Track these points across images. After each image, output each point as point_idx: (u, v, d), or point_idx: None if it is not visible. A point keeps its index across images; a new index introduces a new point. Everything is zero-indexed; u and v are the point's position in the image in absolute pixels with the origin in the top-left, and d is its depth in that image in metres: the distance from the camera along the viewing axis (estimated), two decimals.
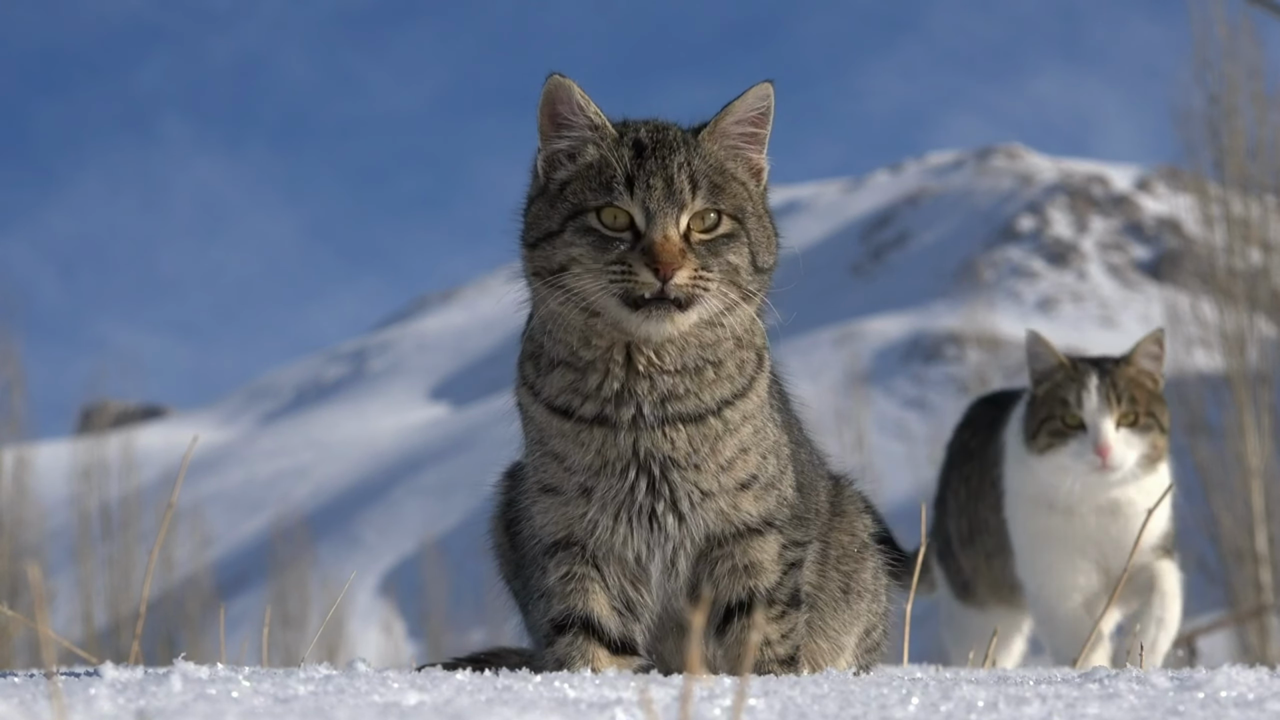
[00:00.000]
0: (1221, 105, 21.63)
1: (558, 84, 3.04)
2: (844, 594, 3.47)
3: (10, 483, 25.78)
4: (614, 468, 3.06)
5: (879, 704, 2.43)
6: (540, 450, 3.14)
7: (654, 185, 2.95)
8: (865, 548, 3.54)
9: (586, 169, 3.02)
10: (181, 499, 27.14)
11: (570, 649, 3.11)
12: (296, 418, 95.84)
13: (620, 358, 3.03)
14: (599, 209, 2.96)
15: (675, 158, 2.99)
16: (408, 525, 66.22)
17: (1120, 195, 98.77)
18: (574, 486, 3.10)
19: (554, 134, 3.06)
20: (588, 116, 3.05)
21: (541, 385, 3.11)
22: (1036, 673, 3.41)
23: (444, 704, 2.31)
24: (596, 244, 2.95)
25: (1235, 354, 21.40)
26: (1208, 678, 2.73)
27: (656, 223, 2.94)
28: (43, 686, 2.61)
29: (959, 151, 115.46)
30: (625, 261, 2.92)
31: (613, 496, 3.08)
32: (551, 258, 2.99)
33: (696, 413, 3.06)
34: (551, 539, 3.14)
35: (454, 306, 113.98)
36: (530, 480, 3.18)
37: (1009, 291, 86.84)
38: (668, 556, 3.12)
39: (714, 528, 3.12)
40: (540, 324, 3.12)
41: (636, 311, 2.94)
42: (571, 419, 3.07)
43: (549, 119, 3.06)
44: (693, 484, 3.08)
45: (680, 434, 3.05)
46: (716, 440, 3.07)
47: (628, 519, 3.09)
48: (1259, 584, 20.47)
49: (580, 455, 3.08)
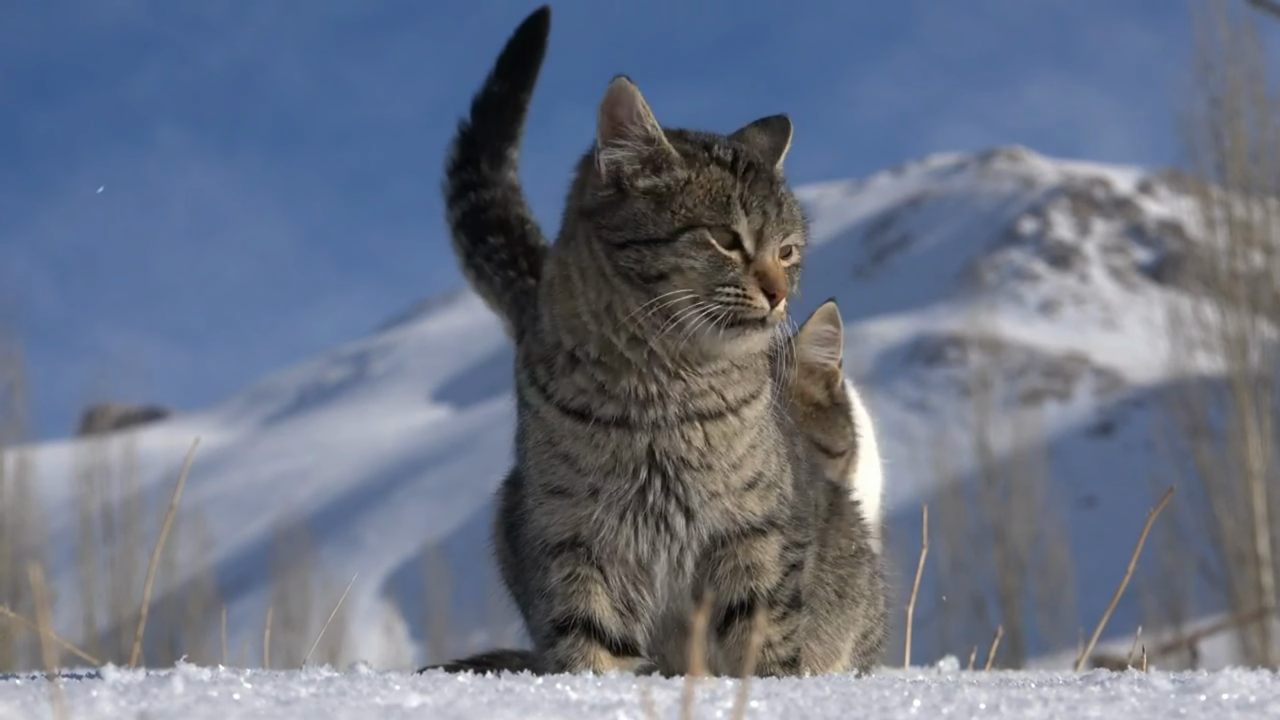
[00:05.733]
0: (1223, 108, 21.65)
1: (622, 87, 2.99)
2: (839, 598, 3.47)
3: (12, 485, 25.78)
4: (626, 469, 3.06)
5: (880, 706, 2.43)
6: (549, 452, 3.12)
7: (768, 211, 2.97)
8: (861, 552, 3.55)
9: (686, 182, 2.98)
10: (183, 501, 27.18)
11: (572, 650, 3.11)
12: (298, 420, 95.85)
13: (668, 362, 3.01)
14: (712, 227, 2.94)
15: (777, 185, 3.04)
16: (409, 527, 66.22)
17: (1122, 198, 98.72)
18: (584, 488, 3.09)
19: (614, 138, 3.02)
20: (646, 127, 3.02)
21: (555, 387, 3.09)
22: (1038, 675, 3.41)
23: (446, 706, 2.31)
24: (711, 261, 2.92)
25: (1237, 357, 21.41)
26: (1209, 680, 2.73)
27: (767, 247, 2.96)
28: (44, 688, 2.61)
29: (961, 154, 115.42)
30: (740, 285, 2.92)
31: (619, 498, 3.07)
32: (649, 264, 2.93)
33: (717, 410, 3.06)
34: (556, 540, 3.13)
35: (456, 309, 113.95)
36: (535, 483, 3.17)
37: (1011, 294, 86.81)
38: (674, 558, 3.12)
39: (719, 528, 3.12)
40: (565, 320, 3.07)
41: (728, 329, 2.94)
42: (589, 421, 3.05)
43: (611, 121, 3.02)
44: (702, 484, 3.08)
45: (698, 432, 3.05)
46: (732, 438, 3.08)
47: (633, 520, 3.08)
48: (1261, 587, 20.47)
49: (594, 457, 3.06)
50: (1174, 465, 22.65)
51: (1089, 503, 58.32)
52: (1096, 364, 75.28)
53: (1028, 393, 69.21)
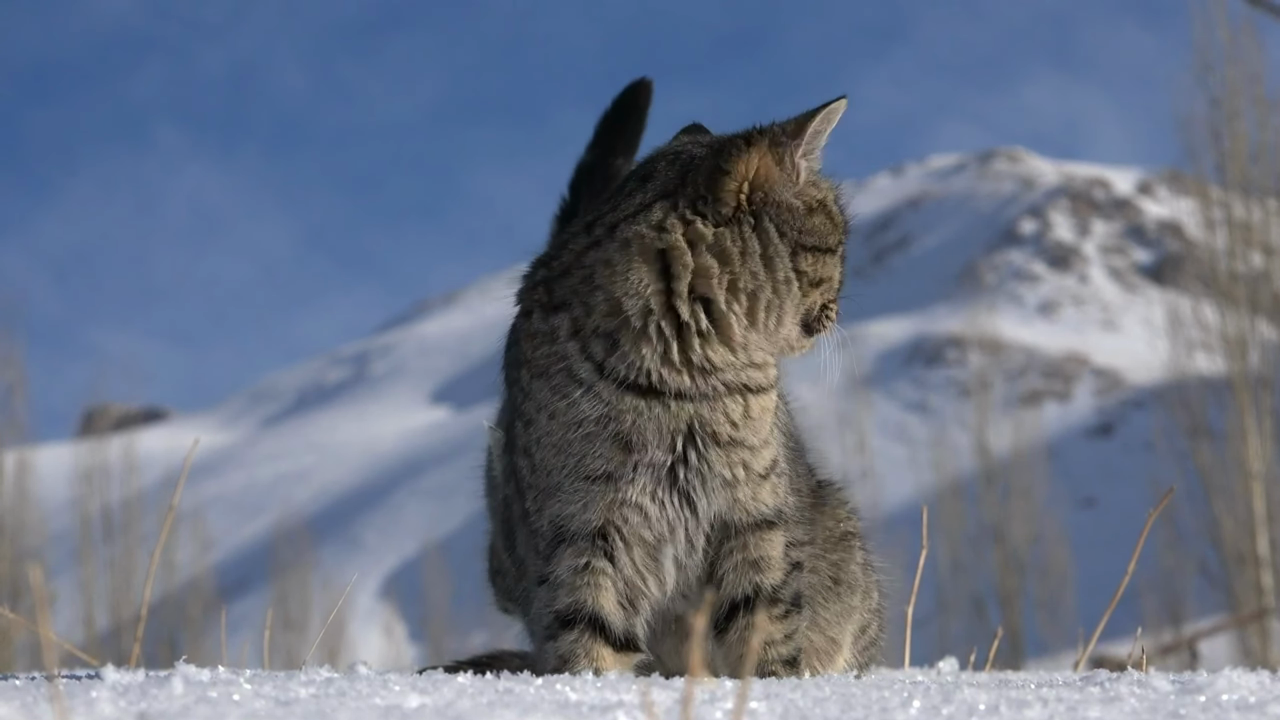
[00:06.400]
0: (1223, 109, 21.66)
1: (843, 108, 3.24)
2: (834, 584, 3.50)
3: (12, 486, 25.78)
4: (665, 440, 3.08)
5: (880, 707, 2.43)
6: (593, 434, 3.08)
7: (845, 242, 3.29)
8: (850, 535, 3.58)
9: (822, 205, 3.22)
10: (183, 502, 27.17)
11: (575, 646, 3.09)
12: (298, 421, 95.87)
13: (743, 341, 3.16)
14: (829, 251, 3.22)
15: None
16: (409, 528, 66.26)
17: (1122, 199, 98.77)
18: (630, 468, 3.08)
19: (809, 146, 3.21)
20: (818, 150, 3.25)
21: (616, 364, 3.08)
22: (1038, 676, 3.42)
23: (445, 707, 2.31)
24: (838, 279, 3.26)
25: (1237, 357, 21.41)
26: (1209, 681, 2.73)
27: (837, 274, 3.26)
28: (44, 689, 2.61)
29: (960, 155, 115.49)
30: (834, 303, 3.25)
31: (653, 473, 3.08)
32: (819, 269, 3.18)
33: (760, 385, 3.17)
34: (585, 528, 3.10)
35: (456, 309, 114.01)
36: (564, 471, 3.11)
37: (1010, 295, 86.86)
38: (688, 538, 3.14)
39: (734, 516, 3.15)
40: (627, 300, 3.09)
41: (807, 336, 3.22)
42: (652, 395, 3.08)
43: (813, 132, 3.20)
44: (726, 464, 3.12)
45: (739, 405, 3.13)
46: (764, 414, 3.17)
47: (663, 497, 3.10)
48: (1260, 587, 20.48)
49: (650, 432, 3.07)
50: (1174, 466, 22.66)
51: (1089, 503, 58.34)
52: (1096, 365, 75.31)
53: (1027, 393, 69.23)
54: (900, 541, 19.27)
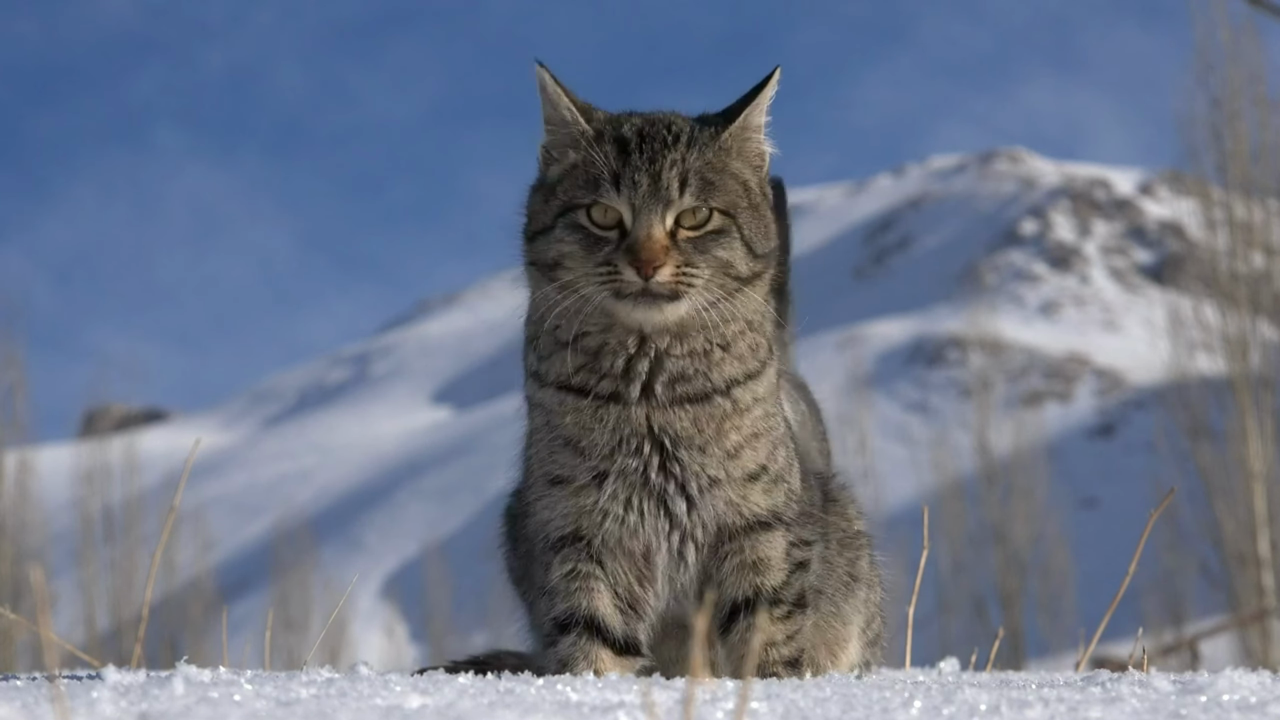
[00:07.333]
0: (1224, 109, 21.65)
1: (538, 74, 3.08)
2: (851, 579, 3.47)
3: (13, 486, 25.77)
4: (629, 445, 3.04)
5: (881, 707, 2.43)
6: (549, 437, 3.10)
7: (639, 182, 2.96)
8: (860, 534, 3.55)
9: (573, 166, 3.03)
10: (184, 502, 27.15)
11: (574, 649, 3.08)
12: (299, 421, 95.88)
13: (631, 340, 3.02)
14: (589, 206, 2.98)
15: (667, 154, 2.99)
16: (410, 528, 66.25)
17: (1123, 199, 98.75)
18: (586, 472, 3.06)
19: (546, 126, 3.10)
20: (561, 112, 3.08)
21: (546, 369, 3.09)
22: (1039, 676, 3.41)
23: (446, 707, 2.31)
24: (585, 242, 2.98)
25: (1238, 358, 21.41)
26: (1210, 681, 2.73)
27: (641, 220, 2.94)
28: (45, 689, 2.61)
29: (961, 155, 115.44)
30: (611, 262, 2.94)
31: (626, 478, 3.05)
32: (545, 253, 3.02)
33: (703, 392, 3.04)
34: (558, 534, 3.10)
35: (457, 310, 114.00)
36: (536, 474, 3.14)
37: (1011, 295, 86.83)
38: (674, 547, 3.10)
39: (724, 518, 3.10)
40: (535, 309, 3.12)
41: (624, 300, 2.95)
42: (587, 396, 3.04)
43: (544, 109, 3.10)
44: (700, 466, 3.06)
45: (687, 414, 3.03)
46: (723, 420, 3.06)
47: (638, 505, 3.06)
48: (1261, 588, 20.46)
49: (598, 433, 3.04)
50: (1175, 466, 22.64)
51: (1090, 504, 58.34)
52: (1097, 365, 75.30)
53: (1028, 394, 69.24)
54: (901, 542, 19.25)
